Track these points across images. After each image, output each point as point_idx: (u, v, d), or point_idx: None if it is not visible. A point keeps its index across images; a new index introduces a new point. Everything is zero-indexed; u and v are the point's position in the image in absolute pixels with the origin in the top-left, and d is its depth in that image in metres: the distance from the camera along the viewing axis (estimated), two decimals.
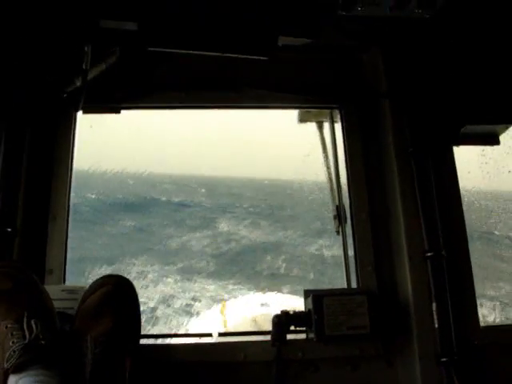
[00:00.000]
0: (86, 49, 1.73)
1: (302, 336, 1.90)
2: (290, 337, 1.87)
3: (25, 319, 1.46)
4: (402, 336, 1.90)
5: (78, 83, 1.92)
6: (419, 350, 1.84)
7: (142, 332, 1.70)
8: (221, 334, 2.02)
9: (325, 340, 1.82)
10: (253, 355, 1.87)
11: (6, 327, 1.45)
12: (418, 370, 1.83)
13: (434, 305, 1.85)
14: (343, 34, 1.96)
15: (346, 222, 2.21)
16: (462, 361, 1.82)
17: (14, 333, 1.43)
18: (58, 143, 2.00)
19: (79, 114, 2.06)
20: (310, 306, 1.83)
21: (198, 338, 2.01)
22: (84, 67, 1.78)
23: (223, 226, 19.15)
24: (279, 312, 1.86)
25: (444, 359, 1.80)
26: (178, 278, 13.47)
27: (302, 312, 1.88)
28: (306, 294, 1.89)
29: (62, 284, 1.89)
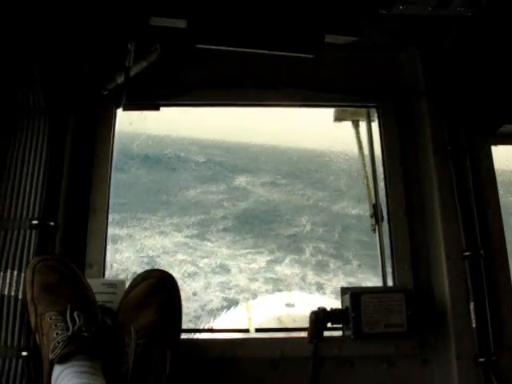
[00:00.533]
0: (129, 46, 1.76)
1: (339, 333, 1.91)
2: (326, 334, 1.87)
3: (68, 311, 1.50)
4: (438, 335, 1.90)
5: (119, 80, 1.96)
6: (456, 349, 1.83)
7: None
8: (258, 330, 2.04)
9: (362, 337, 1.82)
10: (289, 351, 1.88)
11: (51, 318, 1.49)
12: (454, 370, 1.82)
13: (471, 304, 1.85)
14: (382, 32, 1.96)
15: (382, 220, 2.21)
16: (500, 362, 1.81)
17: (58, 324, 1.47)
18: (99, 139, 2.04)
19: (119, 110, 2.09)
20: (348, 304, 1.83)
21: (235, 333, 2.02)
22: (127, 64, 1.81)
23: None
24: (316, 309, 1.87)
25: (482, 359, 1.79)
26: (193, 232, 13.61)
27: (339, 309, 1.88)
28: (343, 291, 1.89)
29: (102, 278, 1.92)
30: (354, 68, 2.16)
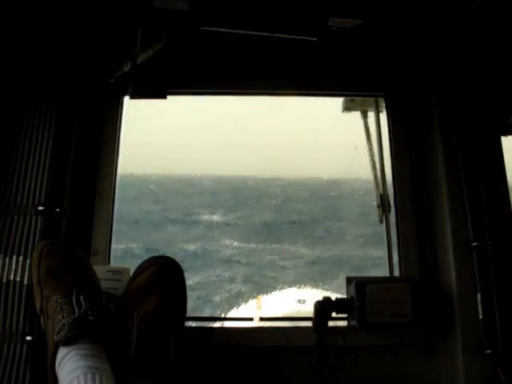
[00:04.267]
0: (136, 33, 1.76)
1: (344, 323, 1.90)
2: (331, 323, 1.87)
3: (74, 295, 1.50)
4: (444, 326, 1.88)
5: (126, 68, 1.96)
6: (462, 341, 1.81)
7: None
8: (262, 319, 2.03)
9: (367, 327, 1.81)
10: (294, 340, 1.87)
11: (56, 302, 1.50)
12: (460, 362, 1.80)
13: (478, 295, 1.83)
14: (390, 16, 1.94)
15: (389, 210, 2.20)
16: (507, 354, 1.78)
17: (64, 307, 1.47)
18: (106, 126, 2.05)
19: (126, 98, 2.10)
20: (353, 293, 1.82)
21: (239, 322, 2.02)
22: (134, 51, 1.80)
23: None
24: (321, 298, 1.86)
25: (488, 351, 1.77)
26: None
27: (344, 299, 1.87)
28: (349, 280, 1.88)
29: (107, 264, 1.93)
30: (363, 57, 2.14)
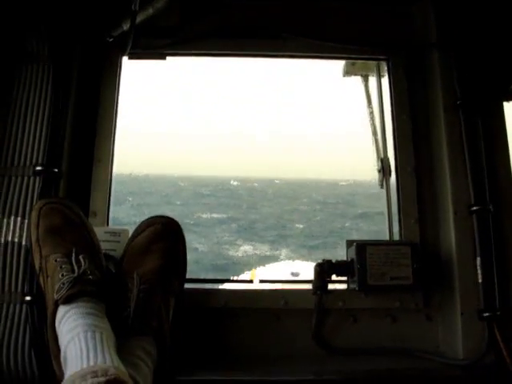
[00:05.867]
0: None
1: (344, 286, 1.90)
2: (331, 286, 1.87)
3: (73, 254, 1.49)
4: (443, 290, 1.89)
5: (125, 27, 1.92)
6: (461, 304, 1.82)
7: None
8: (262, 281, 2.03)
9: (367, 289, 1.81)
10: (293, 303, 1.88)
11: (56, 260, 1.48)
12: (458, 325, 1.81)
13: (478, 260, 1.83)
14: None
15: (390, 175, 2.20)
16: (505, 317, 1.79)
17: (63, 266, 1.46)
18: (104, 87, 2.01)
19: (124, 59, 2.06)
20: (353, 255, 1.81)
21: (239, 284, 2.02)
22: (133, 9, 1.76)
23: None
24: (321, 260, 1.86)
25: (486, 314, 1.78)
26: None
27: (345, 261, 1.87)
28: (349, 243, 1.88)
29: (106, 226, 1.92)
30: (365, 19, 2.12)
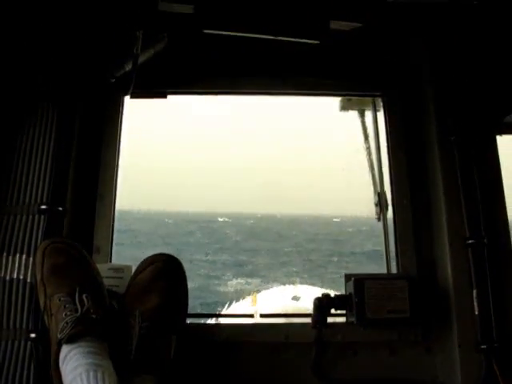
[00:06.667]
0: (138, 33, 1.77)
1: (342, 319, 1.92)
2: (330, 320, 1.89)
3: (77, 293, 1.52)
4: (441, 322, 1.90)
5: (127, 68, 1.97)
6: (459, 336, 1.84)
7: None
8: (262, 316, 2.05)
9: (365, 323, 1.84)
10: (293, 336, 1.90)
11: (60, 300, 1.51)
12: (456, 357, 1.83)
13: (474, 292, 1.85)
14: (388, 20, 1.96)
15: (387, 208, 2.23)
16: (503, 349, 1.81)
17: (67, 305, 1.49)
18: (107, 126, 2.07)
19: (126, 98, 2.11)
20: (351, 290, 1.84)
21: (239, 319, 2.04)
22: (135, 52, 1.82)
23: None
24: (320, 295, 1.89)
25: (484, 346, 1.80)
26: None
27: (343, 295, 1.90)
28: (347, 277, 1.90)
29: (109, 262, 1.95)
30: (360, 56, 2.16)
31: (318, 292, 1.97)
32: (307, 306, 5.21)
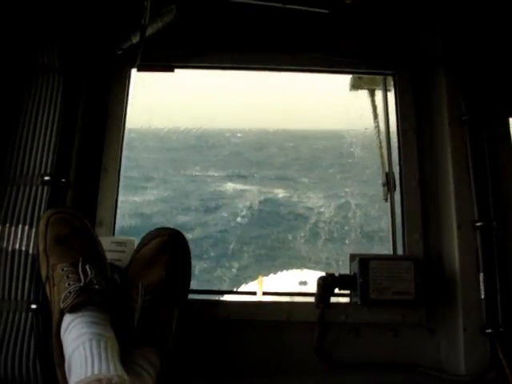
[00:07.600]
0: (145, 3, 1.74)
1: (346, 300, 1.91)
2: (333, 300, 1.88)
3: (80, 264, 1.51)
4: (446, 305, 1.88)
5: (134, 40, 1.95)
6: (464, 320, 1.82)
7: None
8: (265, 293, 2.04)
9: (369, 304, 1.81)
10: (296, 316, 1.89)
11: (63, 270, 1.50)
12: (461, 341, 1.81)
13: (481, 276, 1.83)
14: None
15: (394, 189, 2.20)
16: (508, 334, 1.79)
17: (70, 275, 1.48)
18: (113, 99, 2.05)
19: (133, 71, 2.09)
20: (356, 270, 1.82)
21: (242, 296, 2.03)
22: (142, 23, 1.79)
23: None
24: (324, 274, 1.87)
25: (489, 331, 1.78)
26: None
27: (348, 275, 1.88)
28: (352, 257, 1.89)
29: (112, 236, 1.94)
30: (373, 34, 2.13)
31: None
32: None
